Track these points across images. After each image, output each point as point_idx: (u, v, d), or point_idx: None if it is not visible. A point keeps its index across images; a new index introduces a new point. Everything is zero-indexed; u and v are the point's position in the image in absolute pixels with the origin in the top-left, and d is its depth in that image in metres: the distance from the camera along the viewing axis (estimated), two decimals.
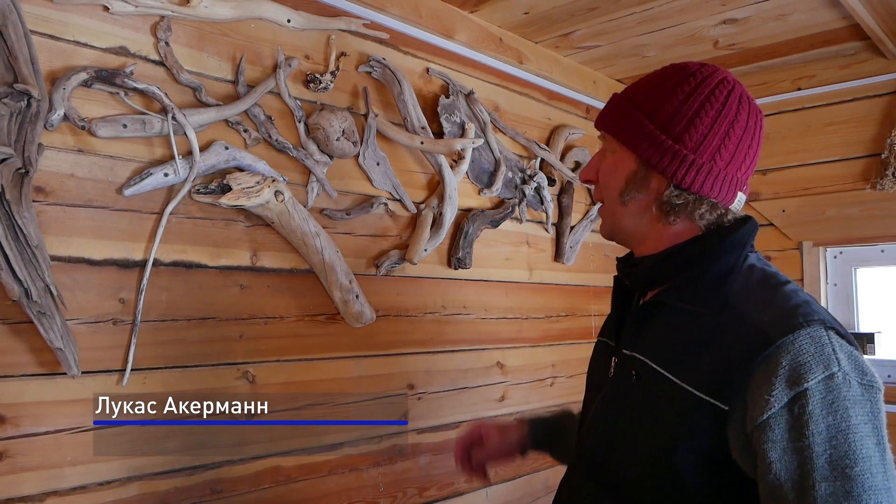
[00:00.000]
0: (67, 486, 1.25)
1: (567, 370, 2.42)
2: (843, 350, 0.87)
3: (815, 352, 0.85)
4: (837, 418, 0.83)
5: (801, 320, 0.88)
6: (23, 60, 1.17)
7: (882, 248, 2.41)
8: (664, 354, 0.98)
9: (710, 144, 0.97)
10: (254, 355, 1.53)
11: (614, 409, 1.05)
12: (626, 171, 1.03)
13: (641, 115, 1.00)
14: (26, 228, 1.15)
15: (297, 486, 1.59)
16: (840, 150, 2.46)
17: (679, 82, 1.00)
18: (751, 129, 0.99)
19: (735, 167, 0.99)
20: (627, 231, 1.07)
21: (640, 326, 1.04)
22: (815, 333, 0.87)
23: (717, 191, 0.98)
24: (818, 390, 0.83)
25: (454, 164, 1.97)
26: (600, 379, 1.12)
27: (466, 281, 2.06)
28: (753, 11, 2.03)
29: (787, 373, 0.84)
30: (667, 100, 0.99)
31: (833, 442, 0.82)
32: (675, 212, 1.00)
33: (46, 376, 1.23)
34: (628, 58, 2.41)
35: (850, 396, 0.84)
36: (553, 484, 2.30)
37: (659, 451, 0.94)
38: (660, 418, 0.95)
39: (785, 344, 0.86)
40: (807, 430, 0.82)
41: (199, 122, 1.43)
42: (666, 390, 0.95)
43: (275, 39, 1.60)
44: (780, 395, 0.84)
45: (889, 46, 2.21)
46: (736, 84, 1.00)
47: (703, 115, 0.97)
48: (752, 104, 1.01)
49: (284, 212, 1.53)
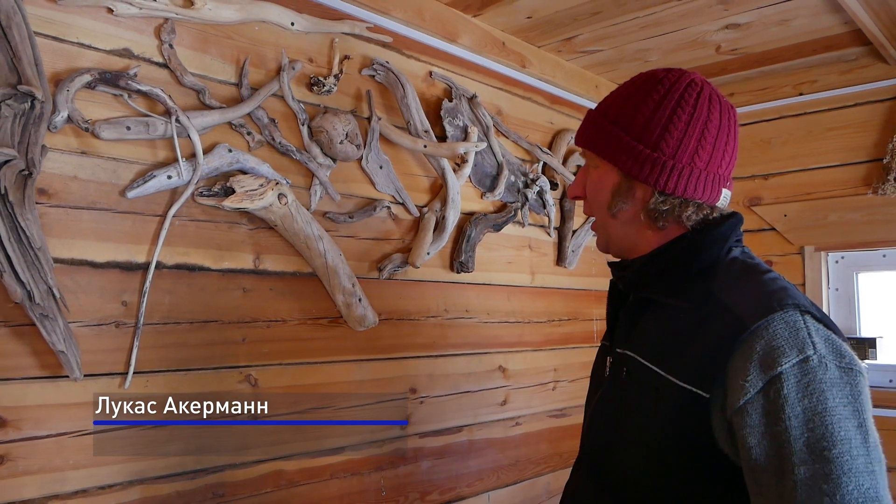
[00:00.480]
0: (69, 489, 1.24)
1: (569, 374, 2.42)
2: (819, 333, 0.87)
3: (788, 335, 0.86)
4: (814, 401, 0.82)
5: (776, 304, 0.88)
6: (27, 62, 1.17)
7: (884, 253, 2.41)
8: (652, 349, 1.00)
9: (687, 147, 0.98)
10: (256, 358, 1.53)
11: (609, 408, 1.07)
12: (611, 184, 1.05)
13: (617, 128, 1.02)
14: (29, 230, 1.15)
15: (299, 490, 1.59)
16: (842, 154, 2.46)
17: (648, 91, 1.01)
18: (725, 126, 1.01)
19: (715, 165, 1.00)
20: (620, 241, 1.09)
21: (631, 324, 1.07)
22: (790, 318, 0.87)
23: (700, 191, 0.99)
24: (793, 374, 0.83)
25: (457, 168, 1.97)
26: (598, 379, 1.15)
27: (469, 284, 2.05)
28: (756, 16, 2.03)
29: (760, 357, 0.85)
30: (638, 110, 1.01)
31: (810, 425, 0.82)
32: (663, 217, 1.02)
33: (48, 379, 1.23)
34: (631, 62, 2.41)
35: (826, 379, 0.83)
36: (554, 488, 2.30)
37: (651, 444, 0.96)
38: (649, 412, 0.97)
39: (759, 329, 0.87)
40: (783, 413, 0.83)
41: (203, 124, 1.43)
42: (654, 384, 0.96)
43: (278, 42, 1.60)
44: (755, 380, 0.85)
45: (891, 52, 2.21)
46: (704, 84, 1.02)
47: (675, 120, 0.99)
48: (723, 102, 1.02)
49: (287, 215, 1.52)
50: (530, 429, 2.25)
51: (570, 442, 2.40)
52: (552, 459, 2.32)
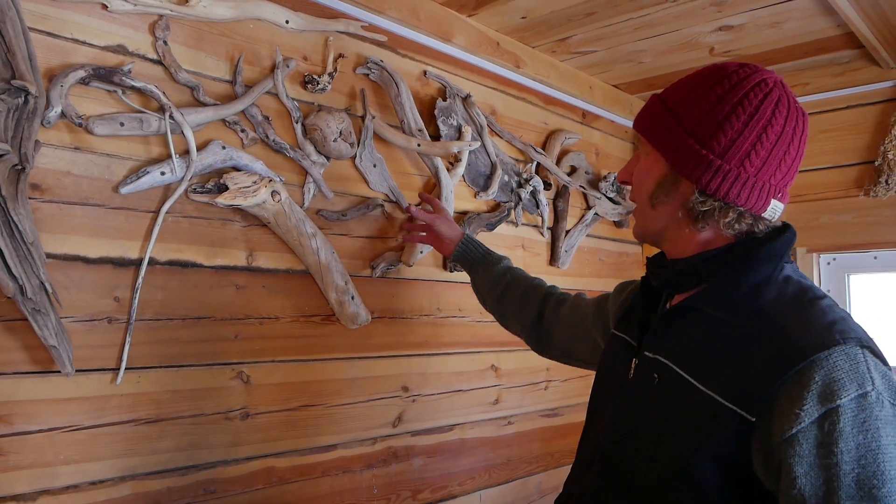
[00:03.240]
0: (60, 485, 1.24)
1: (561, 374, 2.43)
2: (878, 370, 0.86)
3: (849, 369, 0.84)
4: (868, 437, 0.81)
5: (838, 337, 0.86)
6: (21, 57, 1.17)
7: (875, 255, 2.42)
8: (690, 359, 0.96)
9: (739, 149, 0.94)
10: (249, 355, 1.53)
11: (633, 412, 1.04)
12: (657, 175, 1.02)
13: (672, 118, 0.98)
14: (22, 225, 1.15)
15: (290, 487, 1.59)
16: (834, 157, 2.47)
17: (712, 84, 0.97)
18: (788, 133, 0.96)
19: (768, 174, 0.96)
20: (657, 234, 1.06)
21: (666, 330, 1.03)
22: (851, 351, 0.85)
23: (744, 198, 0.95)
24: (850, 408, 0.82)
25: (451, 167, 1.98)
26: (618, 380, 1.10)
27: (462, 284, 2.06)
28: (749, 18, 2.05)
29: (819, 388, 0.83)
30: (698, 103, 0.97)
31: (862, 461, 0.81)
32: (703, 218, 0.98)
33: (40, 374, 1.23)
34: (624, 63, 2.42)
35: (882, 416, 0.83)
36: (546, 488, 2.30)
37: (678, 455, 0.93)
38: (681, 423, 0.94)
39: (819, 360, 0.85)
40: (836, 447, 0.81)
41: (197, 121, 1.43)
42: (689, 395, 0.93)
43: (273, 40, 1.60)
44: (811, 410, 0.83)
45: (883, 55, 2.23)
46: (776, 86, 0.97)
47: (733, 120, 0.94)
48: (793, 107, 0.97)
49: (281, 212, 1.53)
50: (522, 428, 2.26)
51: (561, 441, 2.41)
52: (544, 459, 2.33)
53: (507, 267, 1.63)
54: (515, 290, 1.57)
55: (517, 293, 1.57)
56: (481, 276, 1.63)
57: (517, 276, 1.61)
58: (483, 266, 1.64)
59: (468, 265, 1.67)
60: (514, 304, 1.57)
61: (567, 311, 1.48)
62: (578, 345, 1.45)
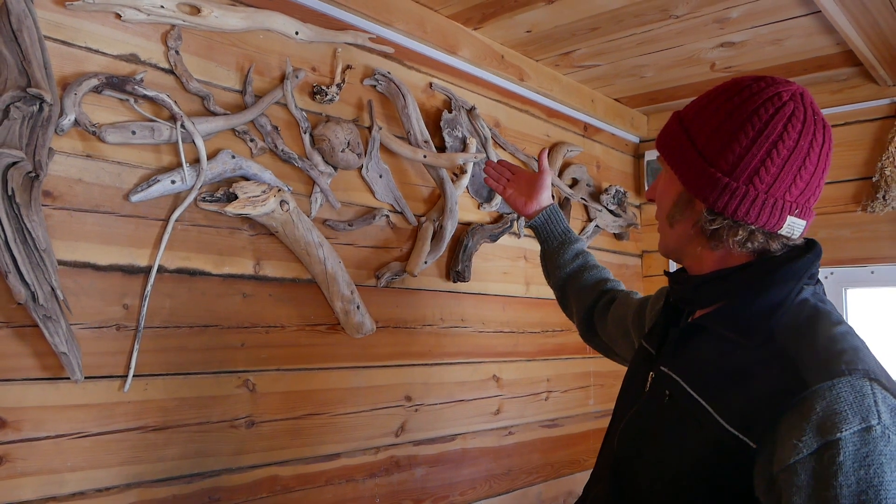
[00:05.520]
0: (66, 491, 1.25)
1: (562, 385, 2.44)
2: (887, 403, 0.82)
3: (853, 402, 0.81)
4: (870, 473, 0.78)
5: (844, 367, 0.84)
6: (36, 65, 1.18)
7: (872, 270, 2.44)
8: (700, 379, 0.95)
9: (747, 166, 0.92)
10: (255, 364, 1.54)
11: (644, 426, 1.04)
12: (674, 195, 1.01)
13: (686, 136, 0.98)
14: (35, 232, 1.16)
15: (294, 495, 1.59)
16: (832, 172, 2.42)
17: (725, 101, 0.95)
18: (803, 147, 0.93)
19: (781, 190, 0.93)
20: (676, 251, 1.06)
21: (681, 346, 1.02)
22: (857, 383, 0.82)
23: (755, 216, 0.93)
24: (852, 442, 0.79)
25: (455, 178, 1.99)
26: (635, 392, 1.10)
27: (465, 294, 2.07)
28: (750, 35, 2.07)
29: (819, 420, 0.81)
30: (709, 120, 0.95)
31: (862, 497, 0.78)
32: (714, 237, 0.96)
33: (49, 381, 1.23)
34: (627, 78, 2.45)
35: (886, 452, 0.79)
36: (546, 498, 2.31)
37: (681, 474, 0.93)
38: (687, 443, 0.93)
39: (822, 390, 0.82)
40: (834, 480, 0.79)
41: (207, 130, 1.44)
42: (697, 416, 0.93)
43: (283, 51, 1.62)
44: (810, 442, 0.81)
45: (881, 73, 2.26)
46: (792, 99, 0.93)
47: (741, 136, 0.92)
48: (809, 120, 0.93)
49: (289, 221, 1.54)
50: (523, 438, 2.26)
51: (562, 452, 2.42)
52: (544, 469, 2.34)
53: (581, 250, 1.60)
54: (582, 275, 1.56)
55: (582, 279, 1.55)
56: (555, 251, 1.59)
57: (588, 262, 1.58)
58: (559, 242, 1.60)
59: (544, 236, 1.62)
60: (576, 289, 1.56)
61: (615, 307, 1.46)
62: (620, 341, 1.43)
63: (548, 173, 1.65)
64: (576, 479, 2.44)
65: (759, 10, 1.90)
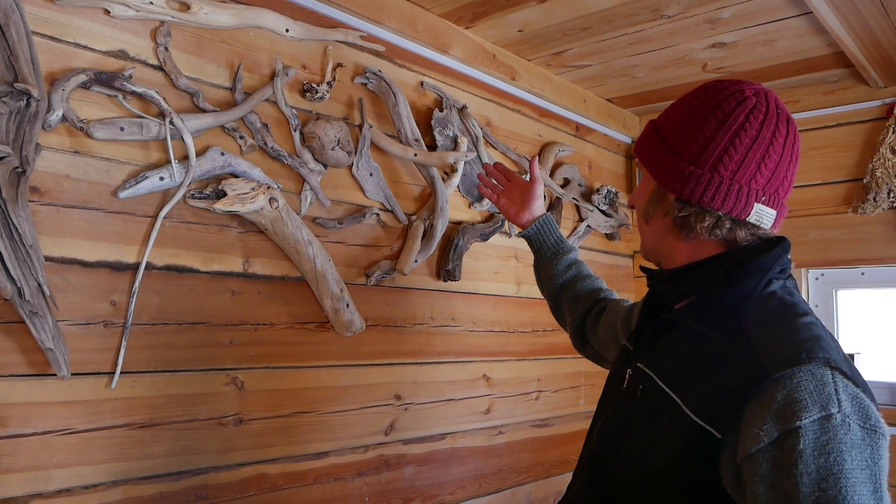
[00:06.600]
0: (52, 488, 1.24)
1: (552, 384, 2.44)
2: (847, 391, 0.83)
3: (813, 390, 0.82)
4: (830, 461, 0.79)
5: (805, 356, 0.85)
6: (23, 60, 1.17)
7: (862, 271, 2.46)
8: (671, 373, 0.97)
9: (711, 154, 0.96)
10: (243, 361, 1.53)
11: (619, 423, 1.05)
12: (648, 192, 1.05)
13: (657, 135, 1.03)
14: (21, 227, 1.15)
15: (282, 494, 1.59)
16: (823, 174, 2.51)
17: (693, 99, 1.01)
18: (766, 136, 0.95)
19: (746, 177, 0.95)
20: (653, 250, 1.09)
21: (655, 341, 1.04)
22: (818, 372, 0.83)
23: (720, 202, 0.95)
24: (812, 430, 0.80)
25: (446, 177, 1.99)
26: (615, 389, 1.12)
27: (455, 293, 2.07)
28: (742, 36, 2.08)
29: (780, 408, 0.82)
30: (677, 117, 1.01)
31: (822, 485, 0.78)
32: (685, 226, 0.99)
33: (36, 377, 1.23)
34: (618, 78, 2.45)
35: (847, 440, 0.80)
36: (535, 498, 2.31)
37: (655, 468, 0.94)
38: (659, 436, 0.95)
39: (782, 378, 0.83)
40: (795, 468, 0.79)
41: (196, 127, 1.44)
42: (668, 409, 0.94)
43: (273, 48, 1.61)
44: (770, 430, 0.82)
45: (872, 74, 2.27)
46: (755, 95, 0.97)
47: (704, 127, 0.97)
48: (772, 113, 0.97)
49: (278, 219, 1.53)
50: (513, 438, 2.27)
51: (552, 452, 2.42)
52: (534, 469, 2.34)
53: (574, 260, 1.61)
54: (575, 285, 1.57)
55: (575, 289, 1.56)
56: (548, 261, 1.60)
57: (581, 272, 1.60)
58: (552, 252, 1.61)
59: (537, 246, 1.63)
60: (569, 298, 1.57)
61: (605, 314, 1.48)
62: (611, 348, 1.45)
63: (539, 182, 1.65)
64: (565, 479, 2.42)
65: (750, 11, 1.91)
